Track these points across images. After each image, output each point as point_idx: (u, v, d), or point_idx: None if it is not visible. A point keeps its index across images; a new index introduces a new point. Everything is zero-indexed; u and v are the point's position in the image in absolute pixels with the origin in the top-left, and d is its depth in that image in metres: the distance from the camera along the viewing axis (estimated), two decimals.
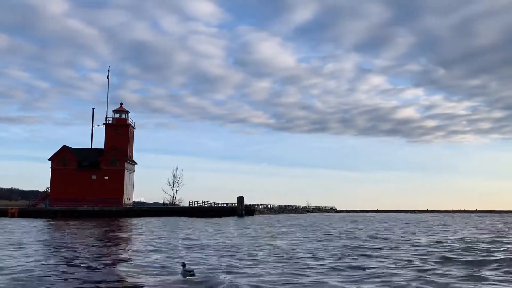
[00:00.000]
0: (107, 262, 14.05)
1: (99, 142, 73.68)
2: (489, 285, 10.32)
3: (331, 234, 27.81)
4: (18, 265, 13.10)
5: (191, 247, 18.75)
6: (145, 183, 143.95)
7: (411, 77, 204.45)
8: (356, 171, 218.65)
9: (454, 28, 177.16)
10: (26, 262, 13.73)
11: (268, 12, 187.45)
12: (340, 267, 13.00)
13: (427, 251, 17.26)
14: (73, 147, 72.34)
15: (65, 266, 13.15)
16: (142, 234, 27.01)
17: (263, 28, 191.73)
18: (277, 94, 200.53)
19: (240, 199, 67.86)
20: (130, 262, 13.93)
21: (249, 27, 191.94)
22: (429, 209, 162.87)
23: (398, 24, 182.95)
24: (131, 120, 73.98)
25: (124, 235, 27.08)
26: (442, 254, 15.96)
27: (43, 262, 13.91)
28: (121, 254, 16.20)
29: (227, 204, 74.75)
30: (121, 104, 74.66)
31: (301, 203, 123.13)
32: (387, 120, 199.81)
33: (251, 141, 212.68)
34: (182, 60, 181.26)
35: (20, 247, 18.47)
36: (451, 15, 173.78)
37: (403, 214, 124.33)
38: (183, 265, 11.84)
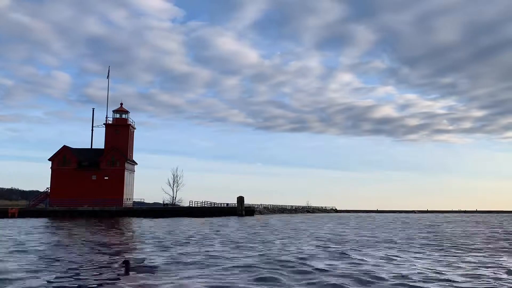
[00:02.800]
0: None
1: (98, 143, 73.89)
2: None
3: None
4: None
5: None
6: (145, 183, 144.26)
7: (378, 75, 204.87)
8: (349, 170, 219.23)
9: (412, 25, 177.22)
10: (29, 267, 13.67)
11: (219, 7, 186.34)
12: None
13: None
14: (66, 146, 72.26)
15: None
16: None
17: (217, 24, 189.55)
18: (249, 92, 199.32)
19: (240, 199, 67.81)
20: None
21: (202, 23, 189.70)
22: (429, 209, 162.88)
23: (355, 21, 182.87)
24: (131, 120, 74.07)
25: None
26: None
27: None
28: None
29: (227, 204, 74.76)
30: (121, 104, 74.76)
31: (299, 203, 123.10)
32: (366, 119, 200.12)
33: (241, 140, 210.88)
34: (144, 56, 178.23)
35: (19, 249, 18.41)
36: (405, 11, 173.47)
37: (404, 214, 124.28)
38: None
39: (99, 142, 73.62)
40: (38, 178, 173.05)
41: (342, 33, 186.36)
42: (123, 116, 73.33)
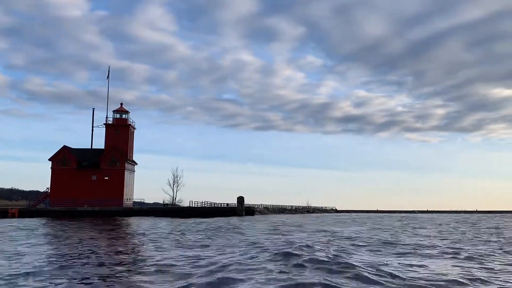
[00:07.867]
0: None
1: (98, 143, 73.83)
2: None
3: None
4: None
5: None
6: (145, 183, 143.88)
7: (318, 71, 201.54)
8: (340, 170, 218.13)
9: (334, 19, 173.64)
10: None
11: None
12: None
13: None
14: (66, 146, 72.26)
15: None
16: None
17: (125, 14, 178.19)
18: (195, 88, 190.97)
19: (240, 199, 67.76)
20: None
21: (108, 13, 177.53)
22: (429, 209, 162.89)
23: (272, 15, 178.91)
24: (131, 120, 74.08)
25: None
26: None
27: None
28: None
29: (227, 204, 74.74)
30: (121, 104, 74.78)
31: (294, 203, 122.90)
32: (328, 117, 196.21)
33: (223, 139, 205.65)
34: (69, 50, 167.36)
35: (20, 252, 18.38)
36: (319, 3, 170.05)
37: (404, 214, 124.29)
38: None
39: (99, 143, 73.69)
40: (19, 176, 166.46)
41: (265, 28, 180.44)
42: (123, 116, 73.35)
